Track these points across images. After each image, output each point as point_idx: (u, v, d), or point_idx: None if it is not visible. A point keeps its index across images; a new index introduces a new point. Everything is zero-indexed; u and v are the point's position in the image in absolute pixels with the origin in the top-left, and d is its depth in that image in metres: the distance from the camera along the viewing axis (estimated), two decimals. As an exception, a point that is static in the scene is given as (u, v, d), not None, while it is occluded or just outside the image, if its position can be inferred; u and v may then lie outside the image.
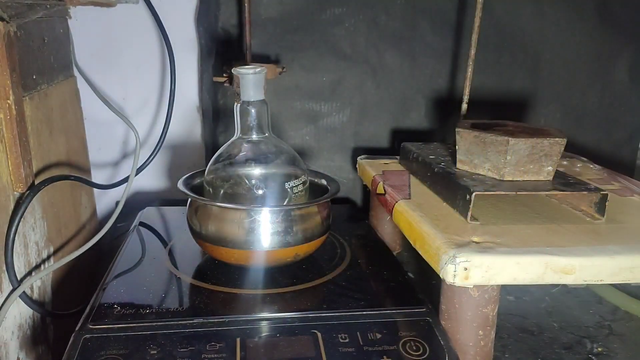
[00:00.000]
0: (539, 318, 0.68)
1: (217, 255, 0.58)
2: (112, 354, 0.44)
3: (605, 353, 0.61)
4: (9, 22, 0.53)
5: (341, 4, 0.88)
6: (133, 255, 0.63)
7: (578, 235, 0.55)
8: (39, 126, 0.62)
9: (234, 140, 0.60)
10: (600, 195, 0.58)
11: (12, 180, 0.54)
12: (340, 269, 0.60)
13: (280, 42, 0.89)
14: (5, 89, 0.51)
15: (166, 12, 0.81)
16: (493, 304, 0.52)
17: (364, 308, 0.51)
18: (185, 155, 0.91)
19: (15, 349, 0.54)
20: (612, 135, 1.02)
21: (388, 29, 0.90)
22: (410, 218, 0.60)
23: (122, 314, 0.49)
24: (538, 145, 0.59)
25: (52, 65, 0.69)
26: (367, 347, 0.46)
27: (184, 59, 0.85)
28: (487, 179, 0.61)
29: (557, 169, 0.63)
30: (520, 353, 0.61)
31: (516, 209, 0.62)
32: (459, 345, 0.52)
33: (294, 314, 0.50)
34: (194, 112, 0.89)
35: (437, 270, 0.51)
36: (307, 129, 0.94)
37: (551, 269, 0.49)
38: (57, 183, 0.63)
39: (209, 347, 0.45)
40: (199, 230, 0.57)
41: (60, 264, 0.60)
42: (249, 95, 0.57)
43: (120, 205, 0.68)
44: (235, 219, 0.55)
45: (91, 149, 0.87)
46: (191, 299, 0.53)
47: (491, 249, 0.50)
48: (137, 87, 0.87)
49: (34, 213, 0.59)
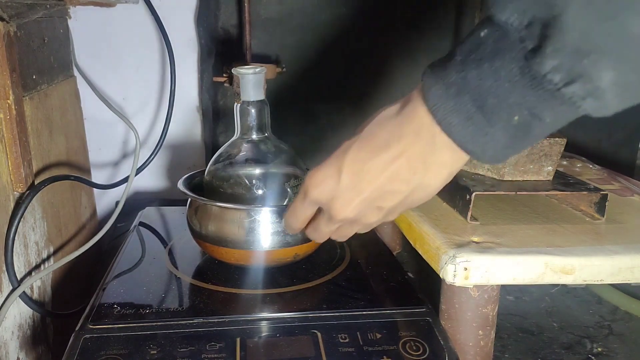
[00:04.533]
0: (539, 318, 0.68)
1: (217, 255, 0.58)
2: (112, 354, 0.44)
3: (605, 353, 0.61)
4: (8, 22, 0.53)
5: (341, 4, 0.88)
6: (133, 256, 0.63)
7: (578, 235, 0.55)
8: (38, 126, 0.62)
9: (234, 140, 0.60)
10: (600, 195, 0.58)
11: (12, 180, 0.54)
12: (340, 269, 0.60)
13: (280, 42, 0.89)
14: (5, 89, 0.51)
15: (166, 12, 0.81)
16: (493, 304, 0.52)
17: (364, 308, 0.51)
18: (185, 155, 0.91)
19: (15, 349, 0.54)
20: (612, 135, 1.02)
21: (388, 28, 0.90)
22: (410, 218, 0.60)
23: (122, 314, 0.49)
24: (538, 145, 0.59)
25: (52, 65, 0.69)
26: (367, 347, 0.46)
27: (184, 59, 0.85)
28: (487, 179, 0.61)
29: (557, 169, 0.63)
30: (520, 353, 0.61)
31: (516, 209, 0.62)
32: (458, 345, 0.52)
33: (294, 314, 0.50)
34: (194, 112, 0.89)
35: (437, 270, 0.51)
36: (307, 129, 0.94)
37: (551, 269, 0.49)
38: (57, 183, 0.63)
39: (209, 347, 0.45)
40: (199, 230, 0.57)
41: (60, 264, 0.60)
42: (249, 95, 0.57)
43: (120, 205, 0.68)
44: (235, 219, 0.55)
45: (91, 149, 0.87)
46: (191, 299, 0.53)
47: (491, 249, 0.50)
48: (137, 87, 0.87)
49: (34, 213, 0.59)
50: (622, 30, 0.26)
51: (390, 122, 0.36)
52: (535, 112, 0.30)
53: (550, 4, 0.27)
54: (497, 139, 0.32)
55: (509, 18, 0.29)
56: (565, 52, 0.27)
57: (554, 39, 0.27)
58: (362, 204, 0.38)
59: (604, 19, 0.26)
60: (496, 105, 0.30)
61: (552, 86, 0.28)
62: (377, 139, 0.37)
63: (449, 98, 0.32)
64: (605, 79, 0.27)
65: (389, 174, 0.36)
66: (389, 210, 0.39)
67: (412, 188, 0.37)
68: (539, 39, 0.28)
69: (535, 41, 0.28)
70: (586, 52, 0.27)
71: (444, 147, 0.34)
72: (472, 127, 0.32)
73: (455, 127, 0.32)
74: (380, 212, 0.39)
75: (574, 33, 0.26)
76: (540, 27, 0.28)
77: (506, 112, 0.30)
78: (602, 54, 0.27)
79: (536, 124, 0.31)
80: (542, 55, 0.28)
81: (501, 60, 0.29)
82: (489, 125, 0.31)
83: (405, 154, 0.35)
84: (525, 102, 0.30)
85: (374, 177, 0.37)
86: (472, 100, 0.31)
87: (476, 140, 0.32)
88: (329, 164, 0.39)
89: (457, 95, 0.31)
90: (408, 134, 0.35)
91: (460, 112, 0.32)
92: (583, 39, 0.26)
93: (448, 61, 0.32)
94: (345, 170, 0.37)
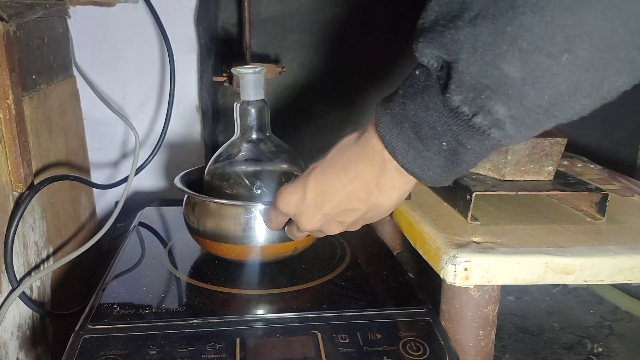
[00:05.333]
0: (539, 318, 0.68)
1: (216, 251, 0.58)
2: (112, 354, 0.44)
3: (605, 353, 0.61)
4: (8, 21, 0.53)
5: (341, 4, 0.88)
6: (132, 256, 0.63)
7: (578, 235, 0.55)
8: (38, 126, 0.61)
9: (234, 140, 0.59)
10: (601, 195, 0.58)
11: (12, 180, 0.54)
12: (340, 269, 0.60)
13: (280, 42, 0.89)
14: (4, 89, 0.51)
15: (166, 12, 0.81)
16: (493, 304, 0.52)
17: (364, 308, 0.51)
18: (185, 155, 0.91)
19: (14, 349, 0.53)
20: (612, 135, 1.02)
21: (388, 28, 0.90)
22: (410, 218, 0.60)
23: (122, 314, 0.49)
24: (538, 145, 0.59)
25: (51, 65, 0.69)
26: (367, 347, 0.46)
27: (184, 59, 0.85)
28: (488, 179, 0.61)
29: (557, 169, 0.62)
30: (520, 353, 0.61)
31: (516, 209, 0.62)
32: (459, 346, 0.52)
33: (294, 314, 0.50)
34: (194, 112, 0.89)
35: (437, 270, 0.51)
36: (307, 128, 0.94)
37: (551, 269, 0.49)
38: (56, 183, 0.62)
39: (209, 347, 0.45)
40: (197, 227, 0.57)
41: (60, 264, 0.60)
42: (248, 95, 0.57)
43: (120, 205, 0.68)
44: (232, 215, 0.55)
45: (91, 149, 0.87)
46: (191, 299, 0.53)
47: (491, 249, 0.50)
48: (136, 87, 0.87)
49: (34, 213, 0.59)
50: (502, 75, 0.30)
51: (349, 149, 0.42)
52: (458, 139, 0.35)
53: (448, 51, 0.32)
54: (433, 162, 0.37)
55: (429, 62, 0.34)
56: (465, 89, 0.32)
57: (456, 78, 0.32)
58: (324, 219, 0.44)
59: (486, 64, 0.30)
60: (428, 132, 0.35)
61: (465, 117, 0.33)
62: (338, 163, 0.42)
63: (394, 126, 0.37)
64: (500, 113, 0.32)
65: (346, 194, 0.42)
66: (349, 224, 0.45)
67: (367, 207, 0.42)
68: (447, 77, 0.33)
69: (445, 79, 0.33)
70: (481, 89, 0.31)
71: (393, 170, 0.39)
72: (412, 151, 0.37)
73: (399, 151, 0.37)
74: (342, 225, 0.45)
75: (468, 75, 0.31)
76: (447, 69, 0.33)
77: (437, 138, 0.35)
78: (492, 91, 0.31)
79: (462, 150, 0.35)
80: (451, 91, 0.33)
81: (429, 95, 0.35)
82: (425, 149, 0.36)
83: (360, 176, 0.41)
84: (449, 130, 0.34)
85: (334, 196, 0.42)
86: (410, 128, 0.36)
87: (416, 162, 0.37)
88: (296, 183, 0.45)
89: (400, 124, 0.37)
90: (363, 159, 0.40)
91: (402, 138, 0.37)
92: (476, 80, 0.31)
93: (394, 95, 0.37)
94: (309, 189, 0.43)
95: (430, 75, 0.34)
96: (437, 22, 0.32)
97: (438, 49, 0.32)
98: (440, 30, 0.32)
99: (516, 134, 0.33)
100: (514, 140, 0.34)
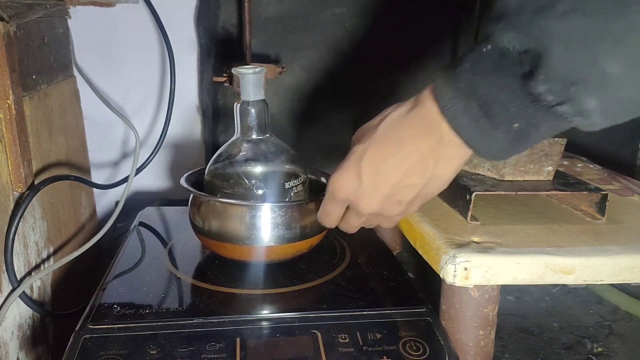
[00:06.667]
0: (539, 318, 0.68)
1: (222, 251, 0.58)
2: (112, 354, 0.44)
3: (605, 353, 0.61)
4: (8, 21, 0.53)
5: (341, 4, 0.88)
6: (133, 256, 0.63)
7: (578, 235, 0.55)
8: (38, 126, 0.61)
9: (234, 140, 0.59)
10: (601, 195, 0.58)
11: (12, 180, 0.54)
12: (340, 269, 0.60)
13: (280, 42, 0.89)
14: (4, 89, 0.51)
15: (166, 12, 0.81)
16: (493, 304, 0.52)
17: (364, 308, 0.51)
18: (185, 155, 0.91)
19: (15, 349, 0.54)
20: (612, 135, 1.02)
21: (389, 28, 0.90)
22: (410, 218, 0.60)
23: (122, 314, 0.49)
24: (538, 145, 0.59)
25: (51, 65, 0.69)
26: (367, 347, 0.46)
27: (184, 59, 0.85)
28: (487, 179, 0.61)
29: (557, 169, 0.62)
30: (520, 353, 0.61)
31: (516, 209, 0.62)
32: (459, 346, 0.52)
33: (294, 314, 0.50)
34: (194, 112, 0.89)
35: (437, 270, 0.51)
36: (307, 128, 0.94)
37: (551, 269, 0.49)
38: (56, 183, 0.63)
39: (209, 347, 0.45)
40: (202, 226, 0.57)
41: (60, 264, 0.60)
42: (248, 95, 0.57)
43: (120, 205, 0.68)
44: (239, 215, 0.55)
45: (91, 149, 0.87)
46: (191, 299, 0.53)
47: (491, 249, 0.50)
48: (137, 87, 0.87)
49: (34, 213, 0.59)
50: (601, 71, 0.30)
51: (400, 124, 0.41)
52: (533, 121, 0.34)
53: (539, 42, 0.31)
54: (500, 140, 0.36)
55: (509, 43, 0.33)
56: (554, 80, 0.31)
57: (544, 70, 0.31)
58: (384, 200, 0.43)
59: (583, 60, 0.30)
60: (499, 112, 0.34)
61: (547, 103, 0.33)
62: (390, 140, 0.41)
63: (459, 100, 0.36)
64: (590, 104, 0.31)
65: (404, 171, 0.41)
66: (408, 203, 0.44)
67: (426, 180, 0.41)
68: (532, 65, 0.32)
69: (529, 66, 0.32)
70: (572, 82, 0.31)
71: (451, 143, 0.38)
72: (478, 129, 0.36)
73: (464, 127, 0.36)
74: (401, 205, 0.44)
75: (560, 68, 0.31)
76: (533, 56, 0.32)
77: (508, 119, 0.35)
78: (585, 85, 0.31)
79: (533, 131, 0.35)
80: (536, 79, 0.32)
81: (505, 76, 0.34)
82: (493, 128, 0.35)
83: (417, 151, 0.40)
84: (524, 113, 0.34)
85: (391, 175, 0.41)
86: (479, 105, 0.35)
87: (482, 140, 0.36)
88: (347, 168, 0.44)
89: (466, 99, 0.36)
90: (419, 134, 0.39)
91: (467, 114, 0.36)
92: (568, 74, 0.31)
93: (457, 67, 0.36)
94: (364, 172, 0.42)
95: (507, 57, 0.33)
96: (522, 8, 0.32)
97: (524, 35, 0.32)
98: (528, 18, 0.31)
99: (602, 122, 0.32)
100: (595, 128, 0.33)
